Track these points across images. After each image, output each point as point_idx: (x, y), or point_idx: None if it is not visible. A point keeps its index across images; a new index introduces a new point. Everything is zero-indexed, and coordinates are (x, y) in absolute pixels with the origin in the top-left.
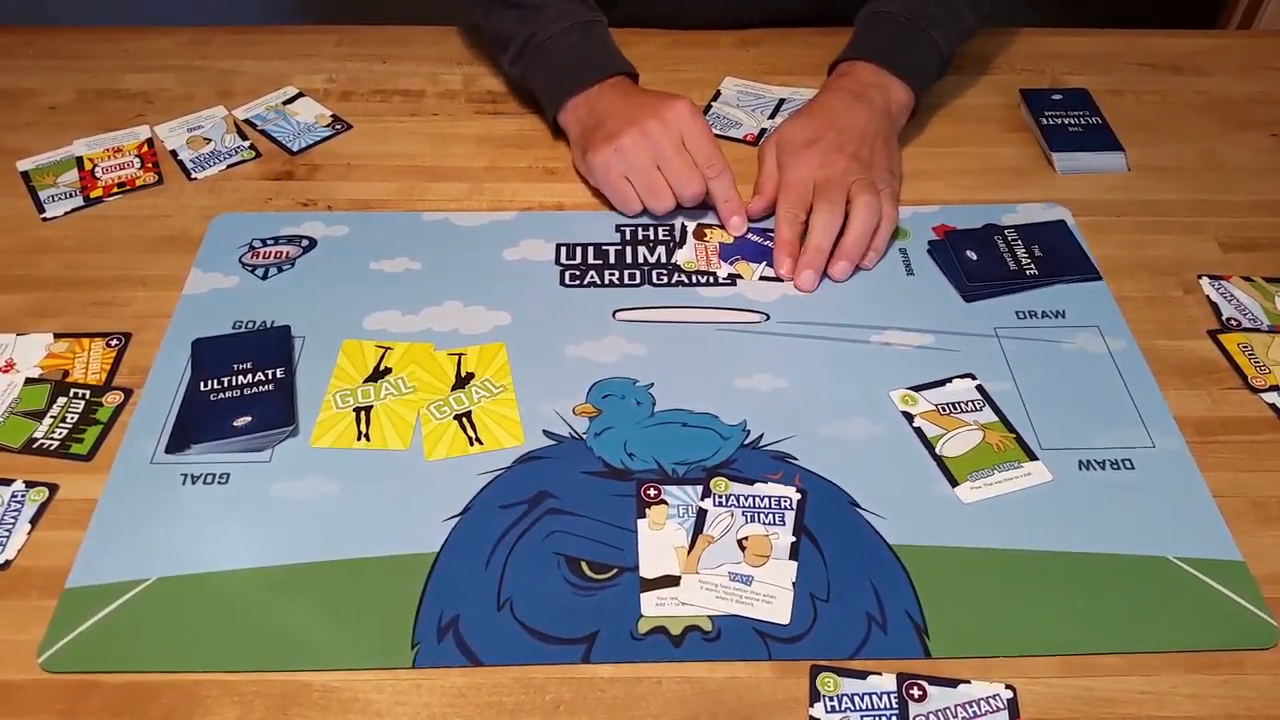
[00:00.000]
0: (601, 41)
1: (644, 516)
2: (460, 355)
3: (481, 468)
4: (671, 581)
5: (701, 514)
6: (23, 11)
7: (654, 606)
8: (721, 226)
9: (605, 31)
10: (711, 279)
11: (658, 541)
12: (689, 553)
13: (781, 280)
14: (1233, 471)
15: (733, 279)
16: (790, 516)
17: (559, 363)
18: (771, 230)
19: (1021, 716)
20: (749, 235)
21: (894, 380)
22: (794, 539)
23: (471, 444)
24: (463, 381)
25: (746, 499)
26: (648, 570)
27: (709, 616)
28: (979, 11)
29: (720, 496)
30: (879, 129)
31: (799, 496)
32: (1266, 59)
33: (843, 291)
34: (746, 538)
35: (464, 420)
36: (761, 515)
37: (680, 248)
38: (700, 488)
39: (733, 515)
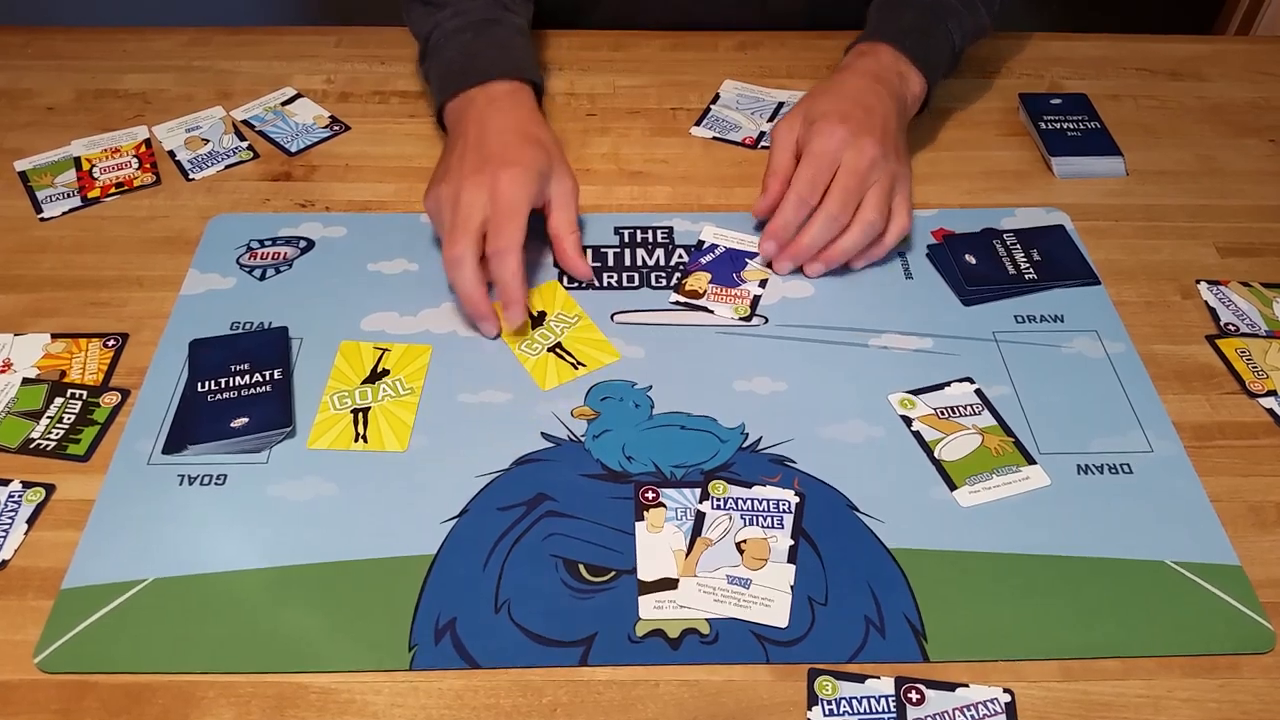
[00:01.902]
0: (496, 43)
1: (642, 519)
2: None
3: (477, 470)
4: (669, 584)
5: (700, 517)
6: (22, 11)
7: (652, 609)
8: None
9: (510, 33)
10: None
11: (656, 544)
12: (687, 555)
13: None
14: (1230, 476)
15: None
16: (789, 519)
17: None
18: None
19: None
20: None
21: (892, 384)
22: (792, 542)
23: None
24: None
25: (745, 502)
26: (645, 573)
27: (707, 619)
28: (992, 8)
29: (718, 499)
30: (899, 121)
31: (797, 500)
32: (1265, 65)
33: (841, 295)
34: (744, 541)
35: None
36: (760, 518)
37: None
38: (698, 490)
39: (731, 518)
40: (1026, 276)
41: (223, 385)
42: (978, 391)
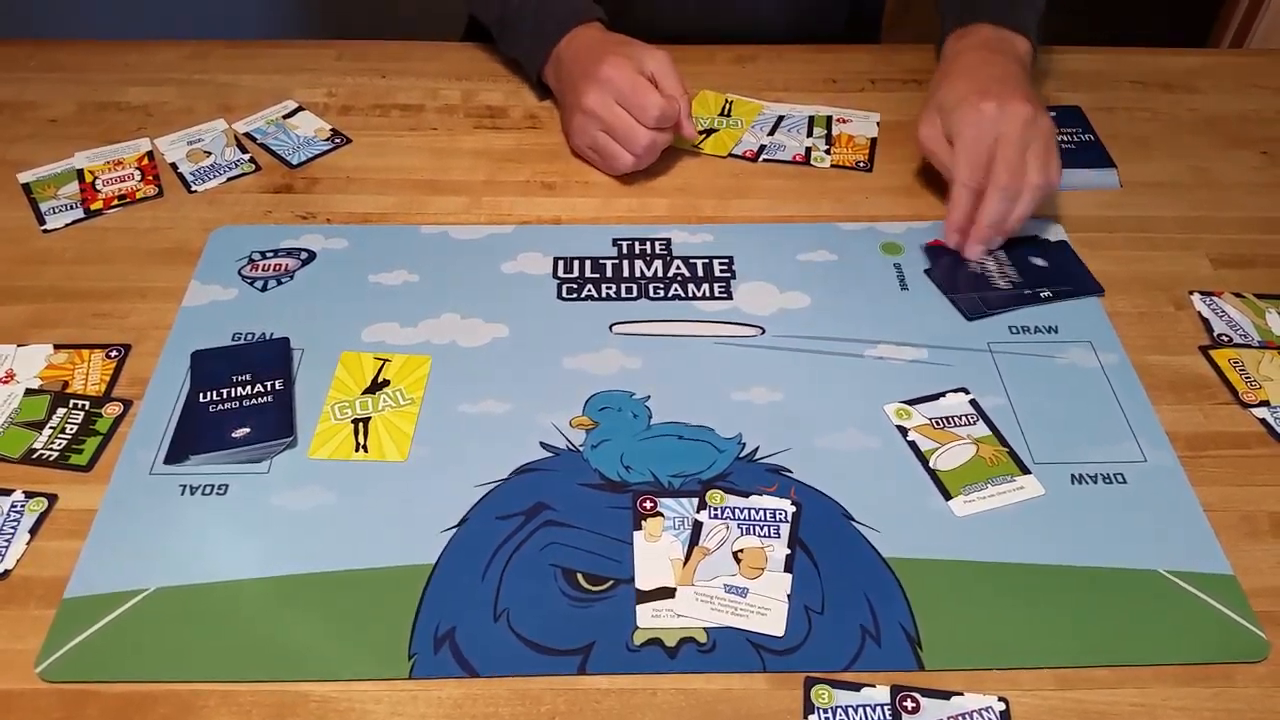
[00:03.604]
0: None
1: (640, 528)
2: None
3: (476, 479)
4: (667, 593)
5: (697, 526)
6: (25, 25)
7: (649, 618)
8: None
9: None
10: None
11: (653, 553)
12: (684, 565)
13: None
14: (1223, 486)
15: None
16: (785, 529)
17: (556, 375)
18: None
19: None
20: None
21: (888, 394)
22: (789, 551)
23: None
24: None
25: (742, 511)
26: (643, 582)
27: (704, 628)
28: None
29: (716, 509)
30: (1025, 74)
31: (794, 509)
32: (1257, 77)
33: (837, 305)
34: (741, 550)
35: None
36: (757, 528)
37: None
38: (696, 500)
39: (728, 527)
40: (1041, 294)
41: (224, 396)
42: (972, 402)
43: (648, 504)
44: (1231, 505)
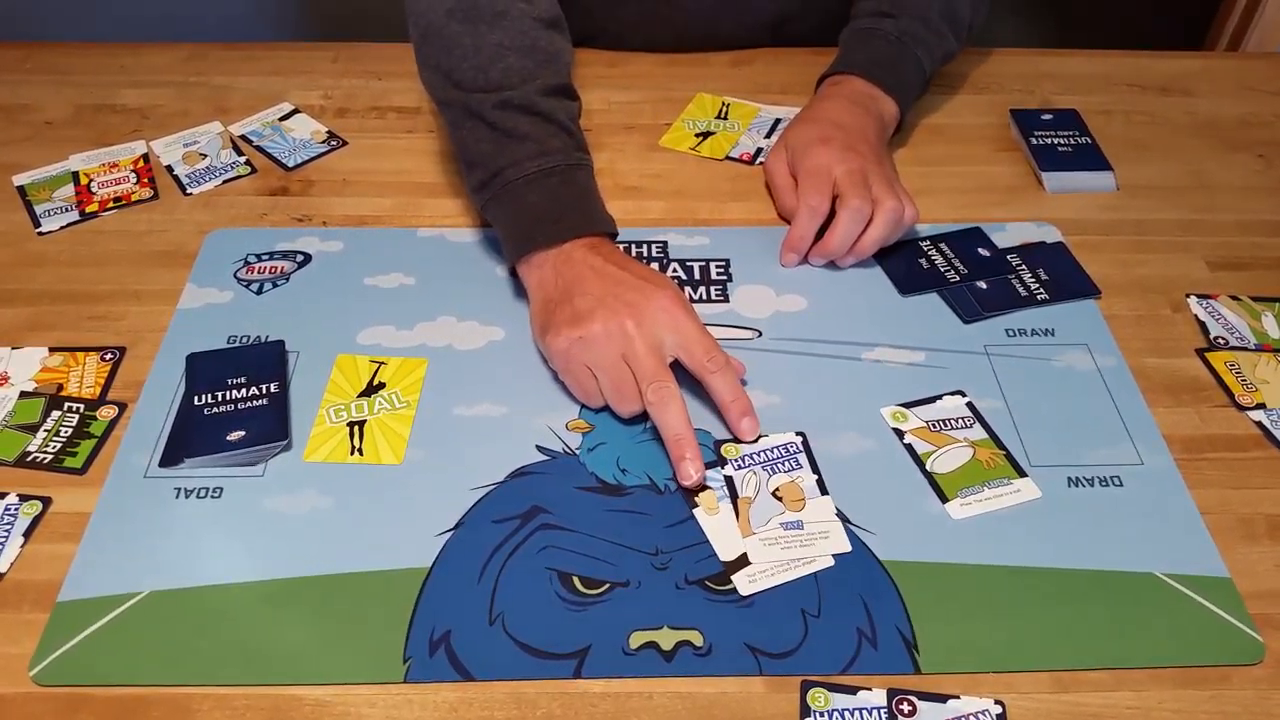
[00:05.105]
0: (584, 192)
1: (696, 506)
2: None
3: (472, 483)
4: (748, 560)
5: (729, 481)
6: (21, 27)
7: (747, 584)
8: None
9: (590, 178)
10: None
11: (720, 525)
12: (738, 520)
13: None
14: (1220, 489)
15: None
16: (803, 458)
17: (552, 378)
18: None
19: None
20: None
21: (885, 397)
22: (816, 476)
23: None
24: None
25: (758, 455)
26: (725, 554)
27: (699, 632)
28: (959, 34)
29: (736, 460)
30: (878, 135)
31: (800, 437)
32: (1254, 80)
33: (835, 309)
34: (778, 489)
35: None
36: (779, 465)
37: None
38: (718, 464)
39: (755, 473)
40: (1039, 297)
41: (219, 399)
42: (969, 405)
43: None
44: (1228, 508)
